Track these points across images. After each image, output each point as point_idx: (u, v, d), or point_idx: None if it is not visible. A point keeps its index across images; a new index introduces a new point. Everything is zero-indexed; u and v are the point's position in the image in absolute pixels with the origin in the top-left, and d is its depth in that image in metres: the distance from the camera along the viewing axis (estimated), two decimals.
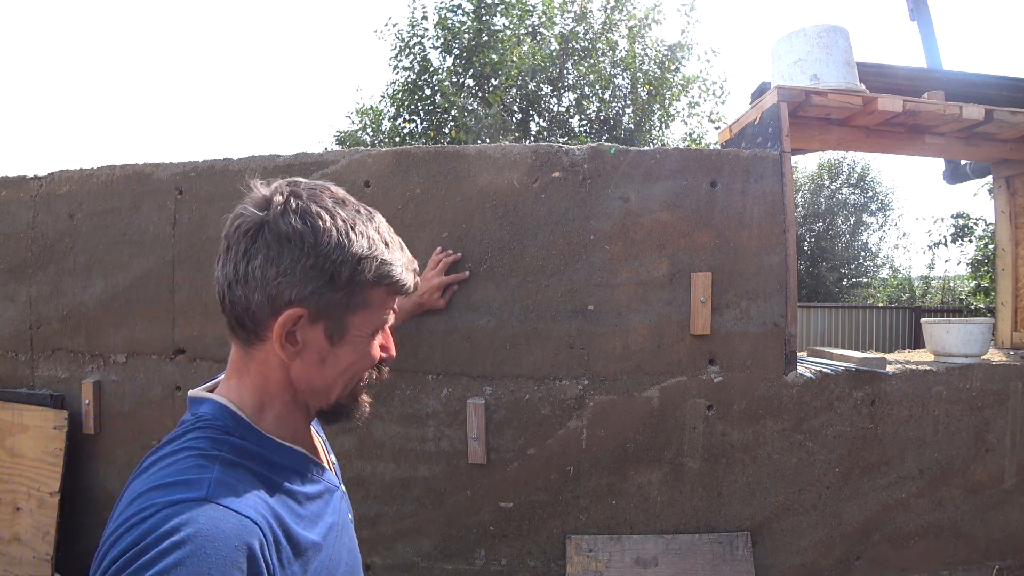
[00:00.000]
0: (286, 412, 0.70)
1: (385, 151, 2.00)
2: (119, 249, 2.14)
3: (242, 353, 0.70)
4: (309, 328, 0.66)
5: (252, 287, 0.64)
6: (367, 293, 0.67)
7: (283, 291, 0.63)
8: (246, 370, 0.69)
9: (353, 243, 0.65)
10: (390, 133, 9.38)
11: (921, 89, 2.34)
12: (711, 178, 1.96)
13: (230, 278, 0.65)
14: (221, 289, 0.67)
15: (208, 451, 0.61)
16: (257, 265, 0.63)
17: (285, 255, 0.63)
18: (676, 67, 9.26)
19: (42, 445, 2.10)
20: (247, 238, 0.64)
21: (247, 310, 0.66)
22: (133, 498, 0.56)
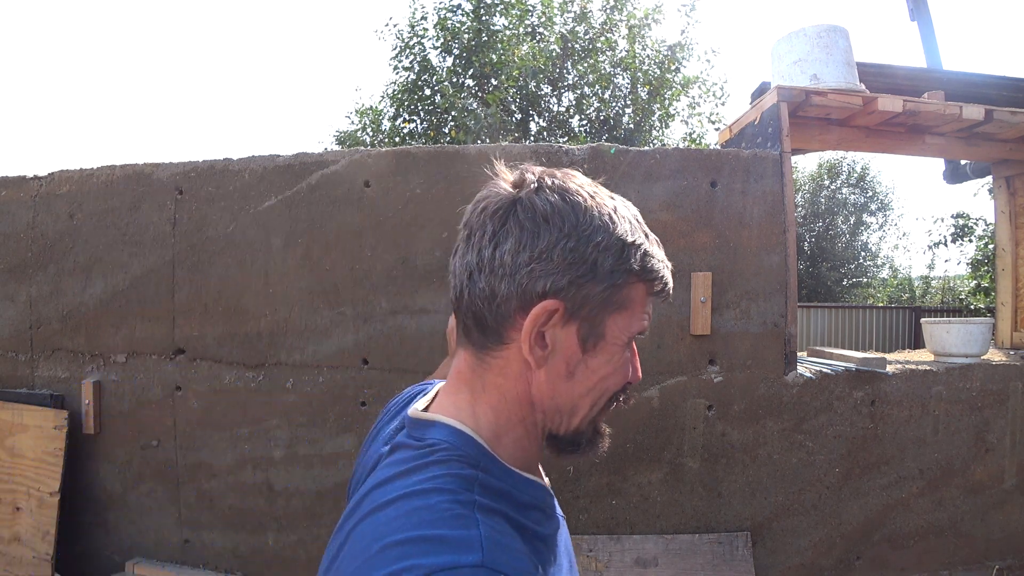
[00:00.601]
0: (523, 436, 0.58)
1: (385, 151, 2.00)
2: (119, 249, 2.14)
3: (475, 361, 0.56)
4: (561, 329, 0.54)
5: (499, 275, 0.52)
6: (628, 289, 0.56)
7: (536, 280, 0.52)
8: (480, 383, 0.56)
9: (617, 226, 0.54)
10: (390, 133, 9.38)
11: (921, 89, 2.34)
12: (711, 178, 1.96)
13: (472, 267, 0.54)
14: (460, 282, 0.55)
15: (460, 494, 0.49)
16: (507, 249, 0.52)
17: (541, 237, 0.52)
18: (676, 67, 9.26)
19: (42, 445, 2.09)
20: (495, 219, 0.54)
21: (490, 303, 0.53)
22: (381, 548, 0.45)
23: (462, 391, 0.57)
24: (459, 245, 0.56)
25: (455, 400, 0.58)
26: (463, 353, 0.58)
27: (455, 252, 0.57)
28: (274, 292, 2.03)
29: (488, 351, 0.55)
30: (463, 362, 0.58)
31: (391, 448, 0.57)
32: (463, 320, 0.56)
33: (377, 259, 1.98)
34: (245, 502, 2.06)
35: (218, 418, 2.07)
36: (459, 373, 0.58)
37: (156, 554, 2.13)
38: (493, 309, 0.53)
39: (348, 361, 2.00)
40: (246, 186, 2.06)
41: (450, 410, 0.57)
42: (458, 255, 0.56)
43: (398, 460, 0.54)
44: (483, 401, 0.56)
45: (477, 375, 0.57)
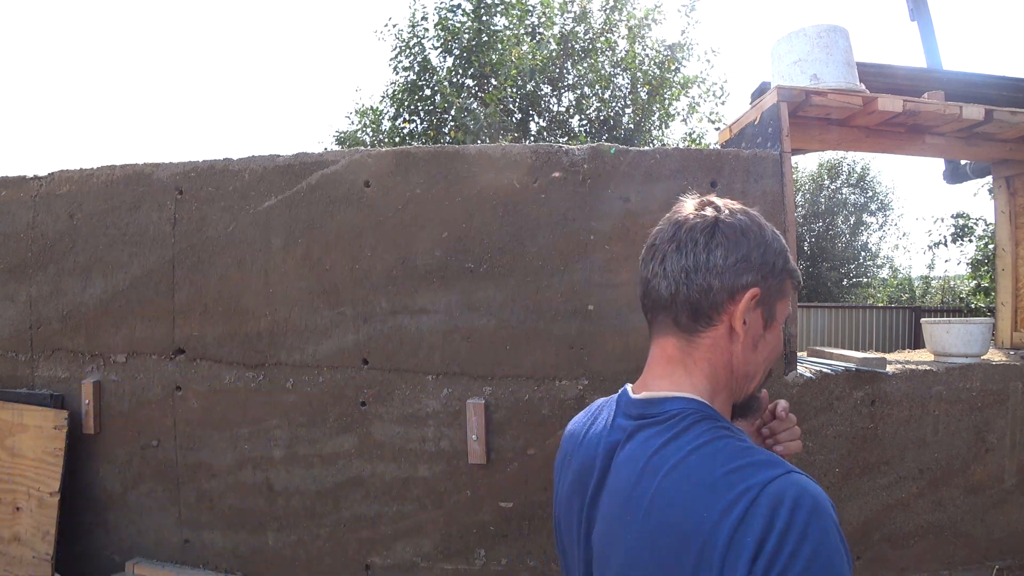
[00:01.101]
0: (726, 399, 0.75)
1: (385, 151, 2.00)
2: (119, 249, 2.14)
3: (684, 343, 0.73)
4: (753, 311, 0.72)
5: (714, 274, 0.70)
6: (786, 284, 0.76)
7: (741, 276, 0.70)
8: (692, 361, 0.73)
9: (779, 239, 0.75)
10: (390, 133, 9.37)
11: (921, 89, 2.34)
12: (711, 178, 1.96)
13: (689, 268, 0.71)
14: (675, 280, 0.72)
15: (734, 437, 0.65)
16: (719, 255, 0.70)
17: (742, 245, 0.71)
18: (676, 67, 9.26)
19: (42, 445, 2.10)
20: (705, 234, 0.71)
21: (707, 295, 0.70)
22: (711, 483, 0.59)
23: (676, 371, 0.73)
24: (665, 255, 0.73)
25: (672, 379, 0.73)
26: (669, 340, 0.74)
27: (658, 260, 0.74)
28: (274, 292, 2.03)
29: (698, 334, 0.72)
30: (671, 347, 0.74)
31: (636, 428, 0.71)
32: (675, 312, 0.72)
33: (377, 259, 1.98)
34: (245, 502, 2.06)
35: (218, 418, 2.07)
36: (668, 357, 0.74)
37: (156, 554, 2.13)
38: (709, 299, 0.70)
39: (348, 361, 2.00)
40: (246, 186, 2.06)
41: (673, 387, 0.73)
42: (667, 262, 0.73)
43: (655, 433, 0.68)
44: (696, 373, 0.72)
45: (687, 354, 0.73)
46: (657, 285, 0.74)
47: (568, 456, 0.80)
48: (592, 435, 0.77)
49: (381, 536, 1.99)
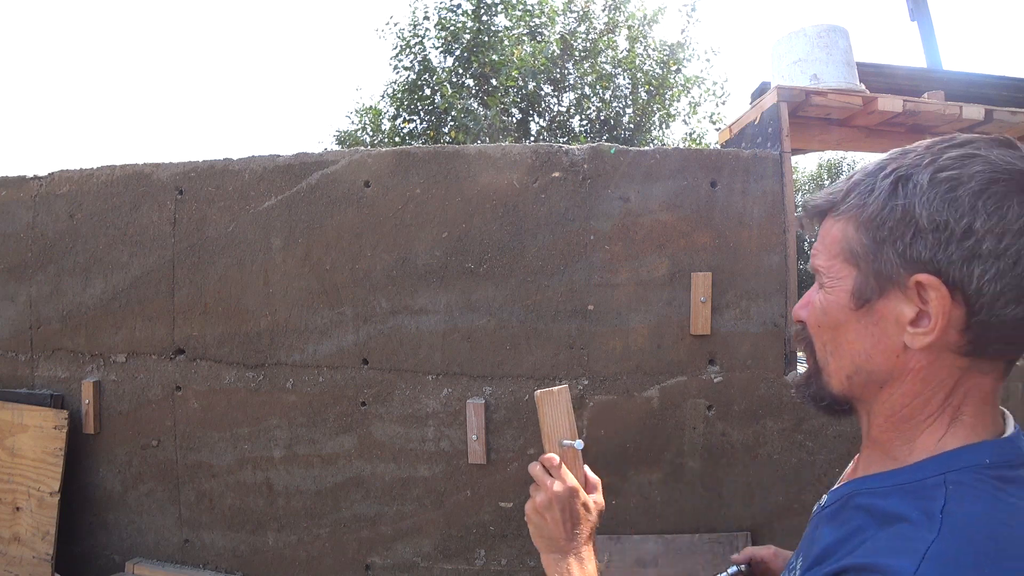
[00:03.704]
0: None
1: (385, 151, 2.00)
2: (119, 249, 2.14)
3: None
4: None
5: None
6: None
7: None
8: None
9: None
10: (390, 133, 9.37)
11: (921, 89, 2.34)
12: (711, 178, 1.96)
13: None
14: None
15: None
16: None
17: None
18: (677, 67, 9.25)
19: (42, 445, 2.10)
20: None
21: None
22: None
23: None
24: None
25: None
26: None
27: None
28: (274, 292, 2.03)
29: None
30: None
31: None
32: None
33: (377, 259, 1.98)
34: (245, 502, 2.06)
35: (218, 418, 2.08)
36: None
37: (156, 554, 2.13)
38: None
39: (348, 361, 2.00)
40: (246, 186, 2.06)
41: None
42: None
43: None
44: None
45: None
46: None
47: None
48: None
49: (381, 536, 1.99)
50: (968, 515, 0.45)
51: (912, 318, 0.51)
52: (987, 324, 0.49)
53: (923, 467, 0.50)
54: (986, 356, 0.51)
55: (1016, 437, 0.53)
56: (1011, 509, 0.46)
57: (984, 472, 0.48)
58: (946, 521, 0.45)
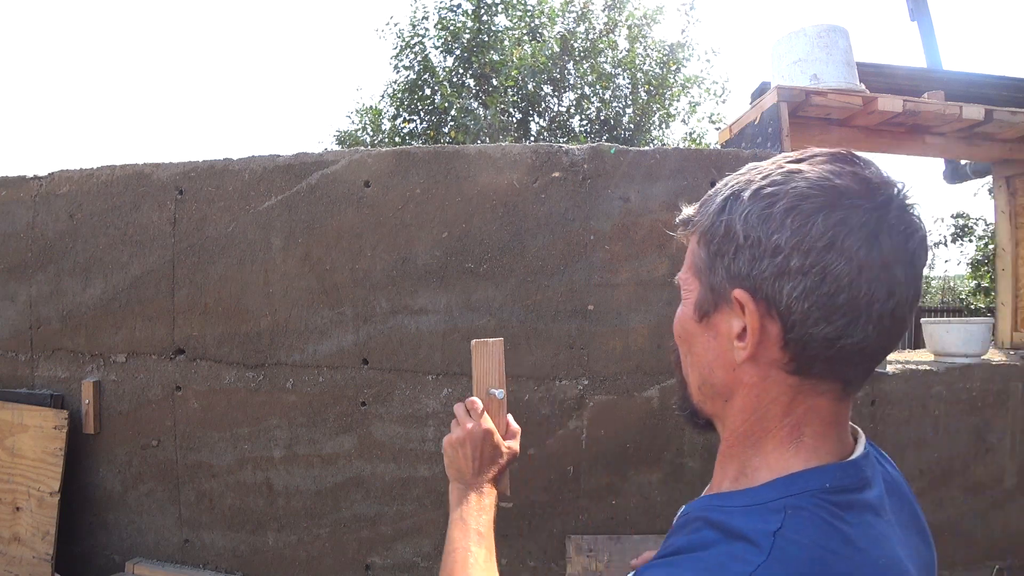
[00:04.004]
0: None
1: (385, 151, 2.00)
2: (119, 249, 2.14)
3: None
4: None
5: None
6: None
7: None
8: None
9: None
10: (390, 133, 9.37)
11: (921, 89, 2.34)
12: (711, 178, 1.96)
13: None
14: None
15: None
16: None
17: None
18: (677, 67, 9.25)
19: (42, 445, 2.10)
20: None
21: None
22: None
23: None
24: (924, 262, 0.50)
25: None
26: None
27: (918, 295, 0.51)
28: (274, 292, 2.03)
29: None
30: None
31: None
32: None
33: (377, 259, 1.98)
34: (245, 502, 2.06)
35: (218, 418, 2.08)
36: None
37: (156, 554, 2.13)
38: None
39: (348, 361, 2.00)
40: (246, 186, 2.06)
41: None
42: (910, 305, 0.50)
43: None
44: None
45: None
46: (904, 330, 0.52)
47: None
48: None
49: (381, 536, 1.99)
50: (798, 541, 0.45)
51: (739, 332, 0.51)
52: (802, 342, 0.49)
53: (767, 489, 0.50)
54: (813, 375, 0.51)
55: (862, 459, 0.53)
56: (843, 536, 0.46)
57: (822, 497, 0.48)
58: (776, 544, 0.45)
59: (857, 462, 0.52)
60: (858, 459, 0.52)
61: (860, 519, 0.48)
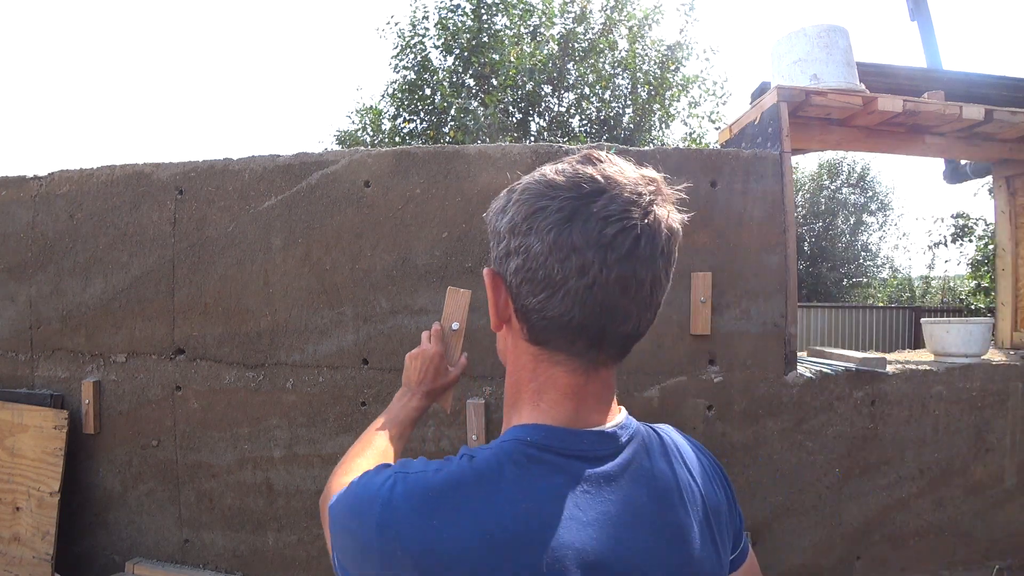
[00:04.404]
0: None
1: (385, 151, 2.00)
2: (119, 249, 2.14)
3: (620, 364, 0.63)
4: None
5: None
6: None
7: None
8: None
9: None
10: (390, 133, 9.38)
11: (921, 89, 2.34)
12: (711, 178, 1.96)
13: (666, 291, 0.60)
14: (659, 304, 0.60)
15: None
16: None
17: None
18: (676, 67, 9.26)
19: (42, 445, 2.10)
20: (676, 247, 0.60)
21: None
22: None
23: (613, 395, 0.63)
24: (659, 278, 0.57)
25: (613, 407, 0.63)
26: (609, 372, 0.61)
27: (659, 282, 0.57)
28: (274, 292, 2.03)
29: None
30: (612, 377, 0.62)
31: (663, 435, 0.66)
32: (636, 342, 0.60)
33: (377, 259, 1.98)
34: (245, 502, 2.06)
35: (218, 418, 2.08)
36: (611, 388, 0.62)
37: (156, 554, 2.13)
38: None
39: (348, 361, 2.00)
40: (246, 186, 2.06)
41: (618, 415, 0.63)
42: (659, 287, 0.58)
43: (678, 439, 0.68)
44: None
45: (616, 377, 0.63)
46: (637, 317, 0.57)
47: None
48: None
49: None
50: (472, 465, 0.54)
51: None
52: (524, 312, 0.57)
53: (500, 436, 0.59)
54: (548, 347, 0.58)
55: (593, 434, 0.57)
56: (504, 476, 0.52)
57: (522, 445, 0.55)
58: (461, 461, 0.55)
59: (580, 433, 0.57)
60: (586, 432, 0.57)
61: (541, 472, 0.53)
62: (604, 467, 0.56)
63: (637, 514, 0.56)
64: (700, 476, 0.64)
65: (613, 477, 0.56)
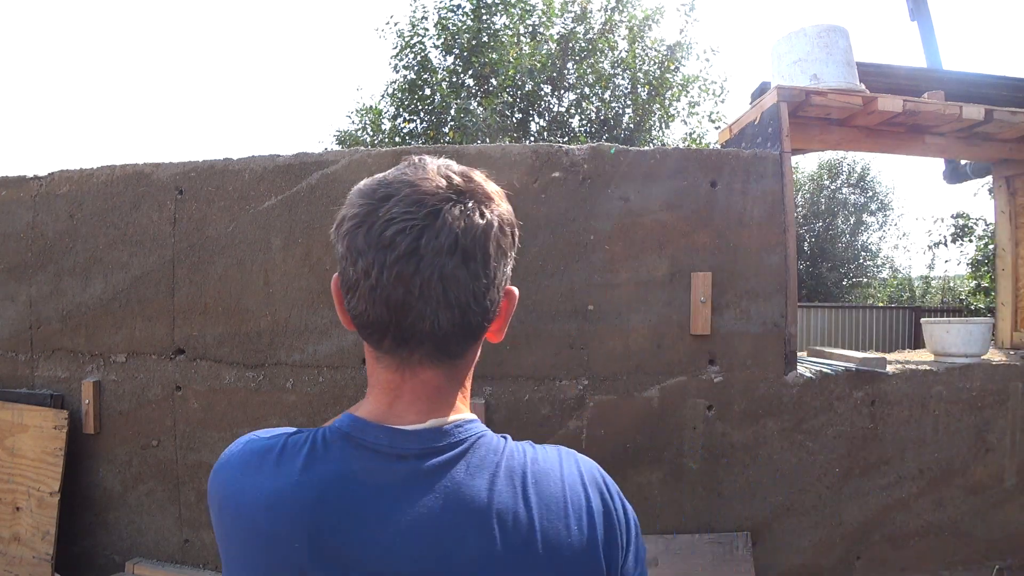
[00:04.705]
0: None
1: (385, 151, 2.00)
2: (119, 249, 2.14)
3: (447, 370, 0.62)
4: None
5: (498, 288, 0.61)
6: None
7: (507, 277, 0.64)
8: (456, 384, 0.63)
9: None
10: (390, 133, 9.38)
11: (921, 89, 2.34)
12: (711, 178, 1.96)
13: (480, 290, 0.58)
14: (461, 306, 0.57)
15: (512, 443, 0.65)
16: (504, 264, 0.62)
17: (512, 247, 0.63)
18: (676, 67, 9.26)
19: (42, 445, 2.09)
20: (494, 241, 0.59)
21: (489, 313, 0.61)
22: (584, 483, 0.63)
23: (446, 401, 0.62)
24: (445, 275, 0.56)
25: (443, 412, 0.62)
26: (429, 371, 0.60)
27: (434, 283, 0.56)
28: (274, 292, 2.03)
29: (463, 356, 0.62)
30: (435, 378, 0.61)
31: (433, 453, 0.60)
32: (448, 342, 0.59)
33: None
34: None
35: (218, 418, 2.07)
36: (437, 390, 0.61)
37: (156, 554, 2.13)
38: (489, 316, 0.61)
39: (348, 361, 2.00)
40: (246, 186, 2.06)
41: (457, 411, 0.63)
42: (449, 285, 0.56)
43: (503, 448, 0.61)
44: (460, 397, 0.64)
45: (453, 380, 0.63)
46: (431, 314, 0.56)
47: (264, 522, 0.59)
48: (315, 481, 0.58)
49: None
50: (285, 439, 0.61)
51: None
52: (348, 313, 0.61)
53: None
54: (371, 344, 0.62)
55: (389, 430, 0.59)
56: (300, 452, 0.58)
57: (332, 430, 0.60)
58: (282, 436, 0.62)
59: (384, 428, 0.60)
60: (390, 428, 0.59)
61: (333, 456, 0.58)
62: (397, 464, 0.57)
63: (416, 518, 0.55)
64: (546, 508, 0.58)
65: (405, 476, 0.57)
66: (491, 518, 0.56)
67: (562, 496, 0.60)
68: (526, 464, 0.61)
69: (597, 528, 0.61)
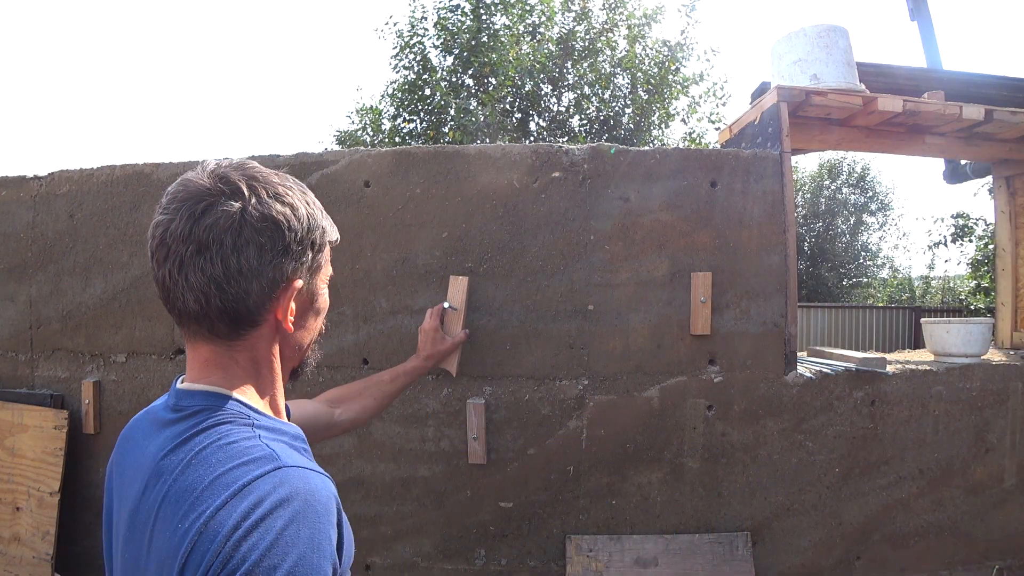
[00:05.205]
0: (276, 389, 0.75)
1: (385, 151, 2.00)
2: (119, 249, 2.14)
3: (223, 350, 0.68)
4: (297, 297, 0.71)
5: (249, 278, 0.64)
6: (325, 253, 0.76)
7: (280, 269, 0.67)
8: (233, 363, 0.69)
9: (315, 213, 0.73)
10: (390, 133, 9.38)
11: (921, 89, 2.34)
12: (711, 178, 1.96)
13: (219, 277, 0.63)
14: (203, 291, 0.63)
15: (248, 433, 0.65)
16: (251, 255, 0.64)
17: (278, 239, 0.66)
18: (676, 67, 9.26)
19: (42, 445, 2.09)
20: (232, 233, 0.63)
21: (245, 302, 0.65)
22: (211, 481, 0.59)
23: (212, 374, 0.69)
24: (184, 261, 0.63)
25: (209, 380, 0.68)
26: (204, 347, 0.69)
27: (174, 266, 0.63)
28: None
29: (240, 337, 0.68)
30: (208, 353, 0.69)
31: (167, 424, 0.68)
32: (210, 323, 0.66)
33: (377, 259, 1.98)
34: None
35: None
36: (205, 363, 0.69)
37: None
38: (249, 305, 0.65)
39: (348, 361, 2.00)
40: None
41: (214, 383, 0.69)
42: (188, 271, 0.63)
43: (185, 428, 0.65)
44: (239, 376, 0.69)
45: (229, 358, 0.69)
46: (181, 296, 0.64)
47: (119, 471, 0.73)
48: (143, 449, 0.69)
49: (381, 536, 1.99)
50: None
51: None
52: None
53: None
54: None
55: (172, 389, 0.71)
56: (159, 427, 0.69)
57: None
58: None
59: (172, 387, 0.71)
60: (173, 387, 0.71)
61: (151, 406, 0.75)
62: (163, 413, 0.70)
63: (146, 454, 0.66)
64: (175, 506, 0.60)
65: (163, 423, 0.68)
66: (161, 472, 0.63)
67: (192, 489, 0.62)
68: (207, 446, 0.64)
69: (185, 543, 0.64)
